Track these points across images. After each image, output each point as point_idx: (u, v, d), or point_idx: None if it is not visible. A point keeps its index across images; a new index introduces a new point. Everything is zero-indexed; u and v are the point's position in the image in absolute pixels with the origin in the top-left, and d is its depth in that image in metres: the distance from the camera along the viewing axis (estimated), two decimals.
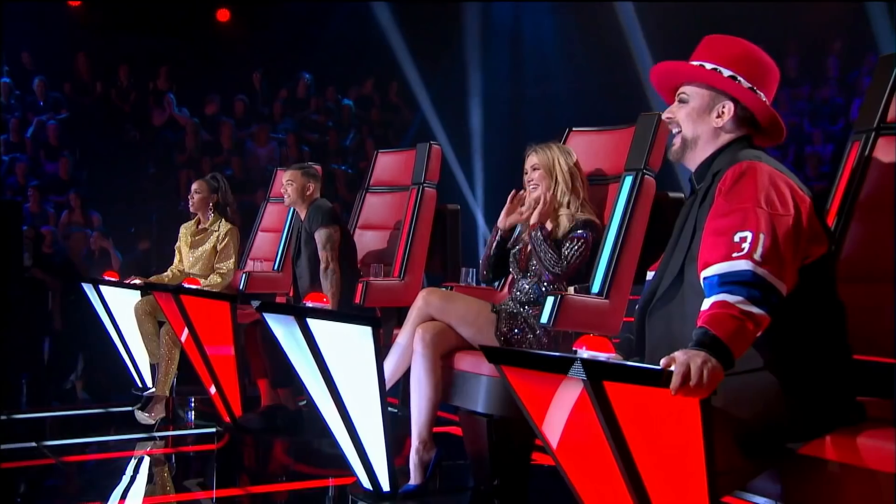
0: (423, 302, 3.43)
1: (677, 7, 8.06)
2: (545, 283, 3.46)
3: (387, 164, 5.38)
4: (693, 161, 2.38)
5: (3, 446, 4.45)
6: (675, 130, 2.39)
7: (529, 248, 3.53)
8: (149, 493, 4.01)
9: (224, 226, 5.32)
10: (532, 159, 3.59)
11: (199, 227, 5.41)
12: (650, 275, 2.37)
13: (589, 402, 1.98)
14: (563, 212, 3.51)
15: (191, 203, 5.41)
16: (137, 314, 5.18)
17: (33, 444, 4.58)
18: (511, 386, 2.22)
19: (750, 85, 2.30)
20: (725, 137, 2.33)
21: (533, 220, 3.45)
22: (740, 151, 2.27)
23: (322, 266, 4.59)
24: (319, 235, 4.63)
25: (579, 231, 3.43)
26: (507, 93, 10.70)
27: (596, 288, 3.35)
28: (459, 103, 10.33)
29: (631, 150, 3.57)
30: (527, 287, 3.50)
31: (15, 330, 6.85)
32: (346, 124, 10.88)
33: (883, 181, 2.57)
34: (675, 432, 1.89)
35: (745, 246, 2.00)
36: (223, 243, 5.29)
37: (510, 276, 3.78)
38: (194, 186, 5.42)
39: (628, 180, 3.52)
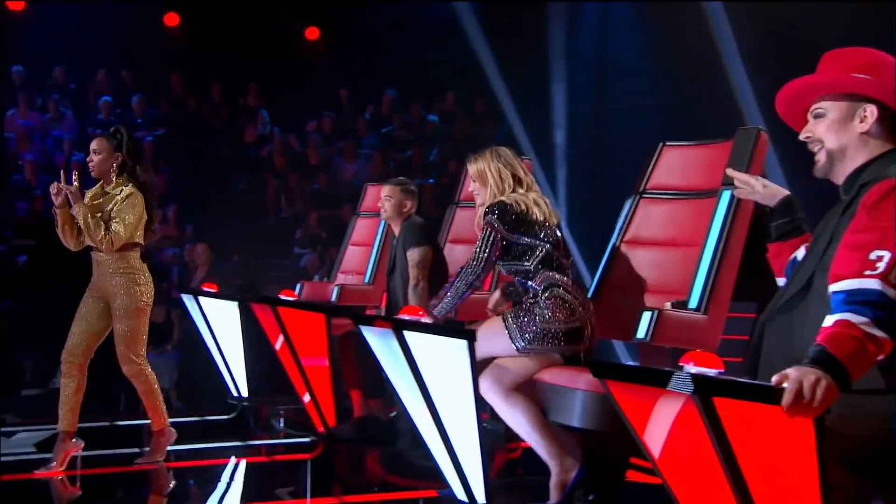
0: None
1: (773, 14, 7.87)
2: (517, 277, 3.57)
3: None
4: (842, 173, 2.28)
5: (108, 451, 4.62)
6: (816, 148, 2.31)
7: None
8: (244, 500, 4.11)
9: (126, 189, 4.22)
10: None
11: (103, 190, 4.32)
12: (781, 281, 2.33)
13: (693, 415, 1.97)
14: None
15: (90, 165, 4.31)
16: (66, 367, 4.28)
17: (136, 449, 4.74)
18: (614, 399, 2.22)
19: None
20: (874, 145, 2.24)
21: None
22: (892, 165, 2.19)
23: (412, 283, 4.65)
24: (412, 254, 4.69)
25: (486, 218, 3.52)
26: (593, 105, 10.65)
27: (693, 303, 3.32)
28: (543, 115, 10.31)
29: (729, 164, 3.51)
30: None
31: (110, 341, 7.08)
32: (429, 140, 10.99)
33: None
34: (786, 450, 1.87)
35: (880, 266, 1.96)
36: (120, 206, 4.18)
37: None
38: (93, 145, 4.31)
39: (726, 195, 3.47)
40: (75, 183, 4.15)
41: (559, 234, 3.59)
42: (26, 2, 9.91)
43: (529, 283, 3.52)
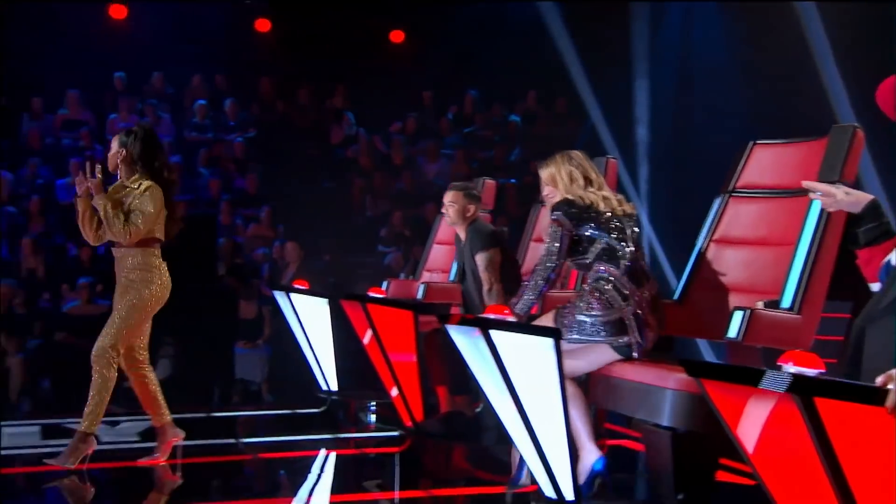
0: None
1: (868, 13, 7.64)
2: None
3: None
4: None
5: (205, 441, 4.79)
6: None
7: None
8: (334, 492, 4.22)
9: (145, 183, 4.26)
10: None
11: (122, 184, 4.36)
12: (875, 287, 2.31)
13: (791, 415, 1.96)
14: None
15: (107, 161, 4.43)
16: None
17: (231, 440, 4.90)
18: (710, 398, 2.23)
19: None
20: None
21: None
22: None
23: (485, 287, 4.71)
24: (480, 259, 4.75)
25: (553, 214, 3.63)
26: (676, 102, 10.51)
27: (787, 302, 3.28)
28: (626, 113, 10.23)
29: (824, 163, 3.47)
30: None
31: (206, 336, 7.30)
32: (511, 139, 11.02)
33: None
34: (891, 451, 1.85)
35: None
36: (138, 199, 4.21)
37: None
38: (111, 140, 4.49)
39: None
40: (98, 176, 4.21)
41: (632, 227, 3.66)
42: (128, 10, 10.31)
43: (587, 275, 3.67)
